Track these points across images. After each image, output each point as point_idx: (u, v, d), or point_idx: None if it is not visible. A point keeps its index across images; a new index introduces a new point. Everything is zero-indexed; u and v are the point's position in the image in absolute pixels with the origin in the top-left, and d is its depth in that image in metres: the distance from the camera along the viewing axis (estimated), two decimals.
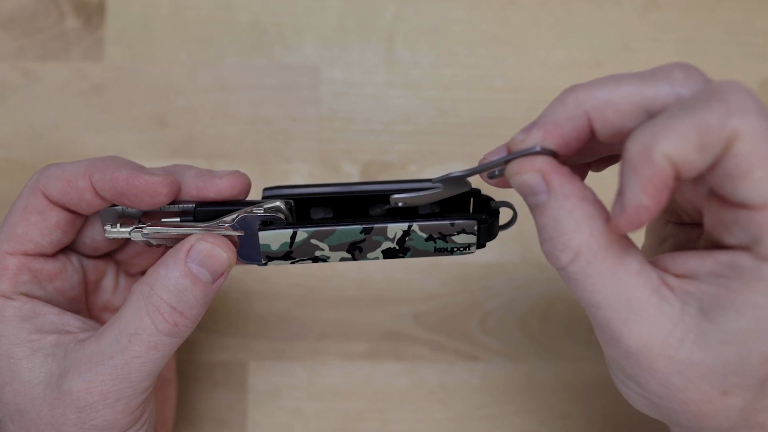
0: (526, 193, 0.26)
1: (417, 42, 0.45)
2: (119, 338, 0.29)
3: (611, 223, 0.24)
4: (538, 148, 0.26)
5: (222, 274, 0.30)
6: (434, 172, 0.44)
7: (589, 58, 0.45)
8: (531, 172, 0.26)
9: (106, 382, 0.28)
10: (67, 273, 0.31)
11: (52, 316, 0.30)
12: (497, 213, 0.32)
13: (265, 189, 0.31)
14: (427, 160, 0.44)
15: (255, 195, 0.32)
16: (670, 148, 0.22)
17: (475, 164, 0.28)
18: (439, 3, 0.46)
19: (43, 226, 0.30)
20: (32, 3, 0.45)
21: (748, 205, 0.23)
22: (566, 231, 0.25)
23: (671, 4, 0.46)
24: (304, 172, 0.44)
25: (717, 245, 0.25)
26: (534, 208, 0.26)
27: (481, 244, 0.31)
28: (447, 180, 0.29)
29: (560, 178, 0.25)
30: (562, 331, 0.43)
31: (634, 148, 0.23)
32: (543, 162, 0.26)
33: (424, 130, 0.44)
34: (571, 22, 0.46)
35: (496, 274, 0.43)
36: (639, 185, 0.22)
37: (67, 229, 0.30)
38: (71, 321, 0.31)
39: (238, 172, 0.31)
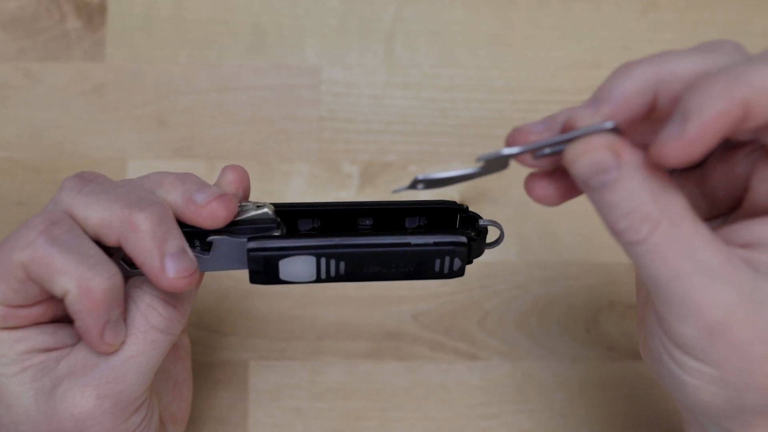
0: (594, 173, 0.24)
1: (417, 42, 0.45)
2: None
3: (654, 150, 0.23)
4: (610, 125, 0.24)
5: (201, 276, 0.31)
6: (434, 172, 0.44)
7: (589, 58, 0.45)
8: (601, 149, 0.24)
9: (102, 385, 0.28)
10: (55, 304, 0.30)
11: (46, 335, 0.29)
12: (485, 231, 0.32)
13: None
14: (427, 161, 0.44)
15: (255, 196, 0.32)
16: (751, 93, 0.22)
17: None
18: (439, 3, 0.46)
19: (25, 294, 0.28)
20: (33, 4, 0.45)
21: None
22: (644, 201, 0.24)
23: (670, 4, 0.46)
24: (304, 173, 0.44)
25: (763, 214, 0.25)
26: (601, 189, 0.24)
27: (468, 261, 0.31)
28: (490, 160, 0.26)
29: (630, 150, 0.24)
30: (561, 330, 0.43)
31: (715, 83, 0.22)
32: (611, 137, 0.25)
33: (424, 131, 0.45)
34: (571, 23, 0.46)
35: (495, 273, 0.43)
36: (706, 118, 0.22)
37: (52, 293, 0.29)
38: (66, 337, 0.30)
39: (223, 196, 0.29)
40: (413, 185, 0.28)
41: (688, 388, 0.26)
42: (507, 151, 0.26)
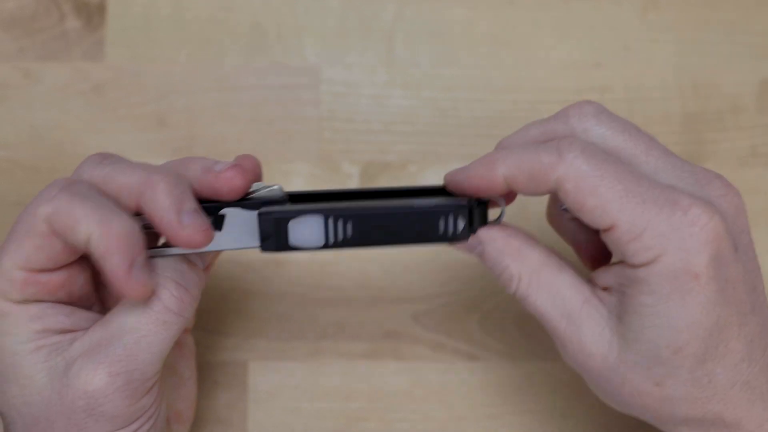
0: (468, 251, 0.31)
1: (417, 42, 0.45)
2: (127, 319, 0.29)
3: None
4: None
5: (209, 264, 0.33)
6: (434, 172, 0.44)
7: (589, 58, 0.45)
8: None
9: (115, 363, 0.29)
10: (75, 276, 0.31)
11: (62, 316, 0.30)
12: (487, 201, 0.32)
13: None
14: (427, 160, 0.44)
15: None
16: (507, 172, 0.29)
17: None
18: (439, 3, 0.46)
19: (49, 251, 0.29)
20: (33, 3, 0.45)
21: (600, 229, 0.28)
22: (505, 265, 0.30)
23: (671, 4, 0.46)
24: (304, 173, 0.44)
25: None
26: (480, 258, 0.31)
27: (471, 228, 0.32)
28: None
29: (485, 230, 0.31)
30: None
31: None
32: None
33: (424, 130, 0.45)
34: (571, 22, 0.46)
35: None
36: (468, 180, 0.30)
37: (74, 251, 0.30)
38: (81, 320, 0.31)
39: (240, 165, 0.31)
40: None
41: (601, 399, 0.31)
42: None
